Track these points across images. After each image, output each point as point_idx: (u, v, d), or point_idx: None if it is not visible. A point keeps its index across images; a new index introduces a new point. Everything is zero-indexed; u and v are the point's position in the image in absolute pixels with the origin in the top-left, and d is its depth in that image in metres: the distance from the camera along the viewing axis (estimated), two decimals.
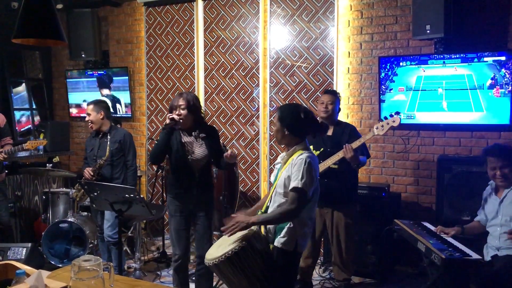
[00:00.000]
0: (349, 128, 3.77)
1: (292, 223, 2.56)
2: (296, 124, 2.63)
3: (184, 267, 3.51)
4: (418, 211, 4.48)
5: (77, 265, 1.71)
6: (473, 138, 4.26)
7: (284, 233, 2.56)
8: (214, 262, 2.47)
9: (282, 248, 2.56)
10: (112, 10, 6.12)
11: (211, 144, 3.39)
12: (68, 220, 4.49)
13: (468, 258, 2.86)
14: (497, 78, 3.99)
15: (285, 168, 2.63)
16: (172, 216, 3.44)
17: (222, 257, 2.44)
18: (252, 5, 5.17)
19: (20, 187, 5.42)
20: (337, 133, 3.70)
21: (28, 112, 6.46)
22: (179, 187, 3.41)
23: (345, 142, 3.57)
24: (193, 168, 3.36)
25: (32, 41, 2.21)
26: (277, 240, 2.58)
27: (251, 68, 5.21)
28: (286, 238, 2.55)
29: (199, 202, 3.40)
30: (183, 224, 3.42)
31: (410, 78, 4.34)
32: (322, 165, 3.55)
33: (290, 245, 2.56)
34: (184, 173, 3.37)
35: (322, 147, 3.65)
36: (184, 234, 3.43)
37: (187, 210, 3.42)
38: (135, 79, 6.07)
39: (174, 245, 3.45)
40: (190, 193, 3.37)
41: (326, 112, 3.68)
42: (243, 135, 5.32)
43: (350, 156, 3.44)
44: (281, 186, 2.61)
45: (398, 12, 4.49)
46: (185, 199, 3.40)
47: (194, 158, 3.35)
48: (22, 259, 3.99)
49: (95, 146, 4.08)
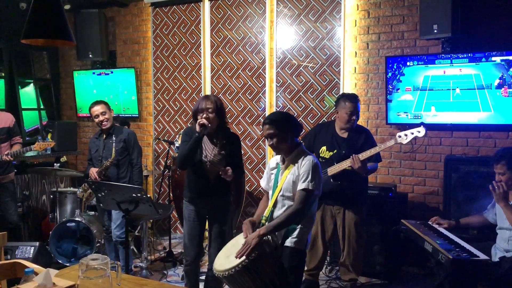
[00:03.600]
0: (365, 133, 3.72)
1: (302, 223, 2.64)
2: (294, 127, 2.73)
3: (195, 272, 3.41)
4: (425, 211, 4.46)
5: (85, 264, 1.72)
6: (480, 138, 4.24)
7: (297, 233, 2.65)
8: (230, 273, 2.46)
9: (295, 247, 2.64)
10: (119, 11, 6.15)
11: (230, 151, 3.25)
12: (76, 220, 4.51)
13: (475, 258, 2.84)
14: (505, 78, 3.96)
15: (289, 171, 2.66)
16: (186, 221, 3.34)
17: (239, 266, 2.45)
18: (258, 5, 5.17)
19: (28, 186, 5.46)
20: (353, 136, 3.64)
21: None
22: (194, 191, 3.30)
23: (361, 146, 3.55)
24: (209, 173, 3.23)
25: (41, 41, 2.23)
26: (289, 240, 2.64)
27: (257, 68, 5.22)
28: (299, 238, 2.64)
29: (213, 207, 3.29)
30: (197, 229, 3.31)
31: (417, 78, 4.32)
32: (338, 166, 3.55)
33: (302, 244, 2.66)
34: (200, 177, 3.25)
35: (336, 148, 3.62)
36: (196, 239, 3.32)
37: (202, 215, 3.32)
38: (142, 79, 6.09)
39: (187, 249, 3.35)
40: (204, 198, 3.27)
41: (351, 122, 3.58)
42: (250, 135, 5.32)
43: (357, 166, 3.43)
44: (288, 189, 2.65)
45: (405, 11, 4.47)
46: (199, 204, 3.29)
47: (211, 163, 3.22)
48: (30, 258, 4.02)
49: (100, 147, 4.10)
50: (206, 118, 3.10)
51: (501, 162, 3.11)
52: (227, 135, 3.29)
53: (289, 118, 2.77)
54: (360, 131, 3.72)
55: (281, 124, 2.69)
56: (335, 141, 3.62)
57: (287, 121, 2.72)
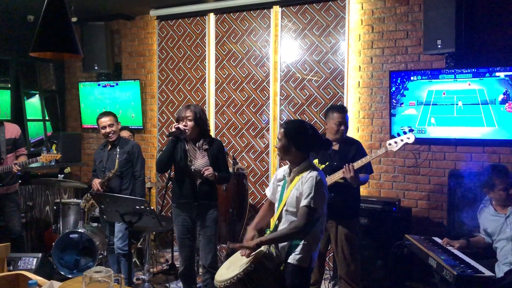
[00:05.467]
0: (356, 144, 3.74)
1: (306, 240, 2.56)
2: (303, 140, 2.63)
3: (189, 275, 3.60)
4: (429, 226, 4.44)
5: (89, 276, 1.72)
6: (484, 153, 4.23)
7: (300, 250, 2.56)
8: (226, 284, 2.46)
9: (298, 265, 2.55)
10: (125, 23, 6.22)
11: (213, 156, 3.49)
12: (79, 231, 4.51)
13: (480, 275, 2.82)
14: (509, 93, 3.97)
15: (293, 185, 2.62)
16: (175, 225, 3.57)
17: (234, 278, 2.44)
18: (263, 19, 5.22)
19: (32, 197, 5.48)
20: (343, 148, 3.67)
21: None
22: (181, 196, 3.53)
23: (352, 157, 3.55)
24: (194, 178, 3.46)
25: (49, 54, 2.26)
26: (292, 257, 2.57)
27: (261, 81, 5.24)
28: (302, 255, 2.56)
29: (201, 212, 3.49)
30: (185, 232, 3.54)
31: (421, 93, 4.33)
32: (329, 179, 3.55)
33: (306, 262, 2.57)
34: (186, 182, 3.48)
35: (328, 161, 3.63)
36: (187, 242, 3.55)
37: (190, 219, 3.53)
38: (147, 92, 6.13)
39: (179, 252, 3.61)
40: (191, 203, 3.48)
41: (340, 132, 3.61)
42: (253, 147, 5.33)
43: (350, 176, 3.42)
44: (292, 205, 2.60)
45: (409, 26, 4.50)
46: (187, 208, 3.51)
47: (196, 168, 3.45)
48: (33, 269, 4.02)
49: (104, 158, 4.12)
50: (184, 125, 3.41)
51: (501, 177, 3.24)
52: (210, 140, 3.55)
53: (302, 130, 2.64)
54: (351, 142, 3.74)
55: (291, 133, 2.62)
56: (327, 153, 3.62)
57: (298, 132, 2.63)
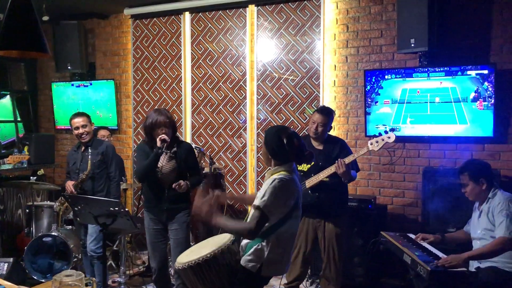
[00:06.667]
0: (339, 143, 3.75)
1: (260, 244, 2.44)
2: (277, 150, 2.49)
3: (163, 280, 3.56)
4: (404, 223, 4.50)
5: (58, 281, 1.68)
6: (457, 150, 4.31)
7: (251, 252, 2.45)
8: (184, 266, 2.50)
9: (245, 267, 2.46)
10: (99, 23, 6.11)
11: (181, 160, 3.44)
12: (52, 234, 4.41)
13: (453, 269, 2.86)
14: (480, 91, 4.05)
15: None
16: (147, 229, 3.53)
17: (185, 264, 2.48)
18: (239, 18, 5.20)
19: (3, 200, 5.33)
20: (328, 148, 3.68)
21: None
22: (150, 200, 3.50)
23: (336, 156, 3.56)
24: (163, 182, 3.42)
25: (15, 53, 2.19)
26: (243, 258, 2.48)
27: (238, 80, 5.23)
28: (251, 258, 2.44)
29: (170, 215, 3.46)
30: (157, 236, 3.51)
31: (396, 91, 4.38)
32: (315, 178, 3.56)
33: (253, 267, 2.44)
34: (154, 187, 3.45)
35: (313, 161, 3.64)
36: (159, 246, 3.51)
37: (161, 223, 3.49)
38: (122, 91, 6.04)
39: (151, 257, 3.54)
40: (161, 207, 3.44)
41: (316, 133, 3.63)
42: (231, 147, 5.31)
43: (342, 171, 3.43)
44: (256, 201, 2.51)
45: (383, 26, 4.55)
46: (157, 212, 3.47)
47: (163, 172, 3.41)
48: (3, 274, 3.91)
49: (78, 159, 4.03)
50: (166, 133, 3.31)
51: (463, 173, 3.23)
52: (178, 144, 3.49)
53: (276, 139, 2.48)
54: (335, 141, 3.76)
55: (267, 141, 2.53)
56: None
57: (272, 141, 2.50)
